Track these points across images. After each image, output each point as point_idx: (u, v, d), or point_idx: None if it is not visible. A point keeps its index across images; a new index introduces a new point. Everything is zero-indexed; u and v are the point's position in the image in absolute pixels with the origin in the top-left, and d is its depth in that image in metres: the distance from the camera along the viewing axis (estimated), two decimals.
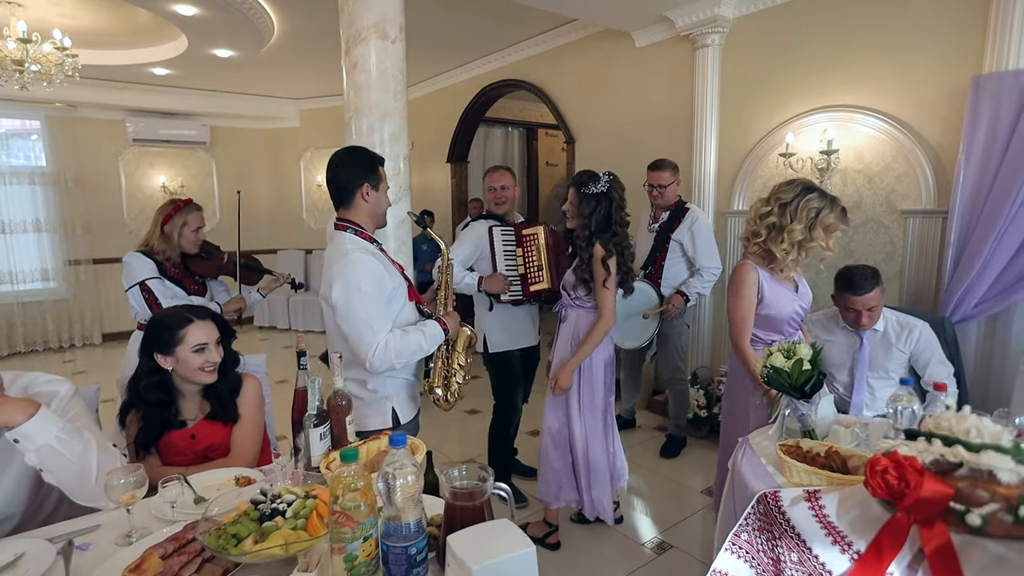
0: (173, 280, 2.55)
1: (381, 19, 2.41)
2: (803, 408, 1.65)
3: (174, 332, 1.63)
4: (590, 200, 2.31)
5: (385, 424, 1.86)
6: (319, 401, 1.40)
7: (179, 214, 2.54)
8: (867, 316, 2.26)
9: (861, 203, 3.07)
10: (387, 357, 1.70)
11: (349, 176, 1.80)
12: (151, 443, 1.63)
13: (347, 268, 1.70)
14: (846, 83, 3.06)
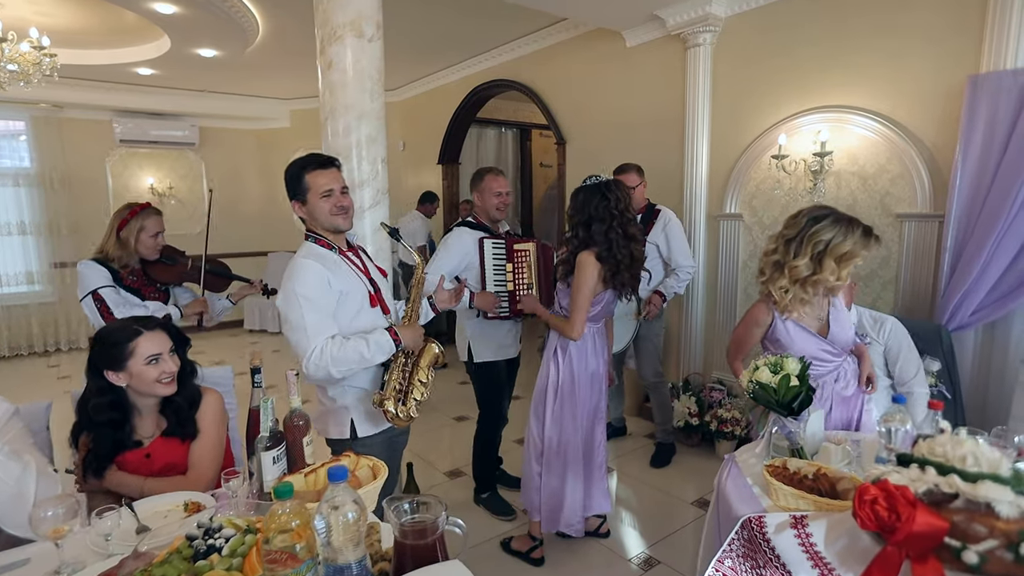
0: (130, 289, 2.43)
1: (357, 16, 2.32)
2: (791, 425, 1.57)
3: (123, 346, 1.54)
4: (579, 192, 2.23)
5: (343, 436, 1.84)
6: (273, 421, 1.32)
7: (135, 219, 2.43)
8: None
9: (855, 206, 2.99)
10: (322, 363, 1.67)
11: (287, 194, 1.84)
12: (103, 467, 1.54)
13: (289, 274, 1.74)
14: (840, 83, 2.98)
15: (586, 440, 2.40)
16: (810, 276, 1.82)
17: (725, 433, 3.41)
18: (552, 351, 2.39)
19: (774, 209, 3.34)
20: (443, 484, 3.24)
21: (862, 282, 3.00)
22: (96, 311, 2.33)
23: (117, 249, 2.40)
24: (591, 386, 2.38)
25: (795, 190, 3.20)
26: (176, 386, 1.60)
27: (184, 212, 7.22)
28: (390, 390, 1.81)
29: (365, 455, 1.42)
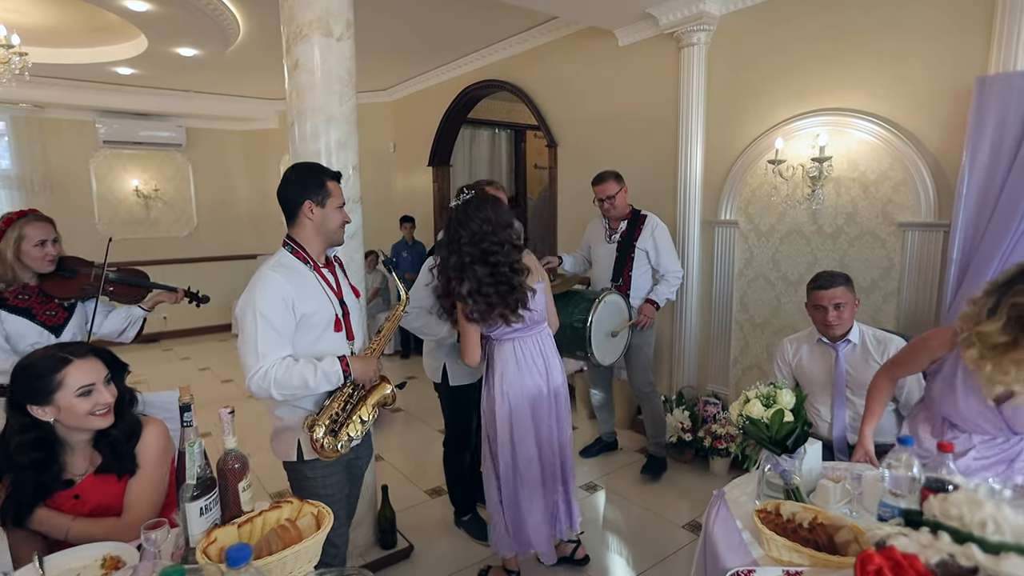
0: (14, 309, 2.12)
1: (324, 14, 2.17)
2: (785, 464, 1.42)
3: (48, 378, 1.38)
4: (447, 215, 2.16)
5: (290, 457, 1.73)
6: (201, 467, 1.17)
7: (11, 229, 2.10)
8: (834, 315, 2.12)
9: (856, 215, 2.85)
10: (264, 384, 1.57)
11: (292, 192, 1.72)
12: (26, 515, 1.39)
13: (253, 284, 1.63)
14: (840, 85, 2.84)
15: (544, 460, 2.23)
16: (1005, 350, 1.34)
17: (720, 450, 3.26)
18: (484, 374, 2.26)
19: (770, 216, 3.20)
20: (423, 504, 3.09)
21: (862, 294, 2.85)
22: None
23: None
24: (533, 407, 2.19)
25: (792, 196, 3.06)
26: (112, 417, 1.45)
27: (171, 215, 7.08)
28: (325, 417, 1.68)
29: (311, 501, 1.28)
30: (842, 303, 2.13)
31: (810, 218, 3.03)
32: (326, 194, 1.71)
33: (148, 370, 5.69)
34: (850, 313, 2.15)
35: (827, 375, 2.22)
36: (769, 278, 3.26)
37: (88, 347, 1.50)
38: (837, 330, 2.16)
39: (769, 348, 3.31)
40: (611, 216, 3.21)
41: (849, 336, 2.19)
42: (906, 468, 1.24)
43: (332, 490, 1.75)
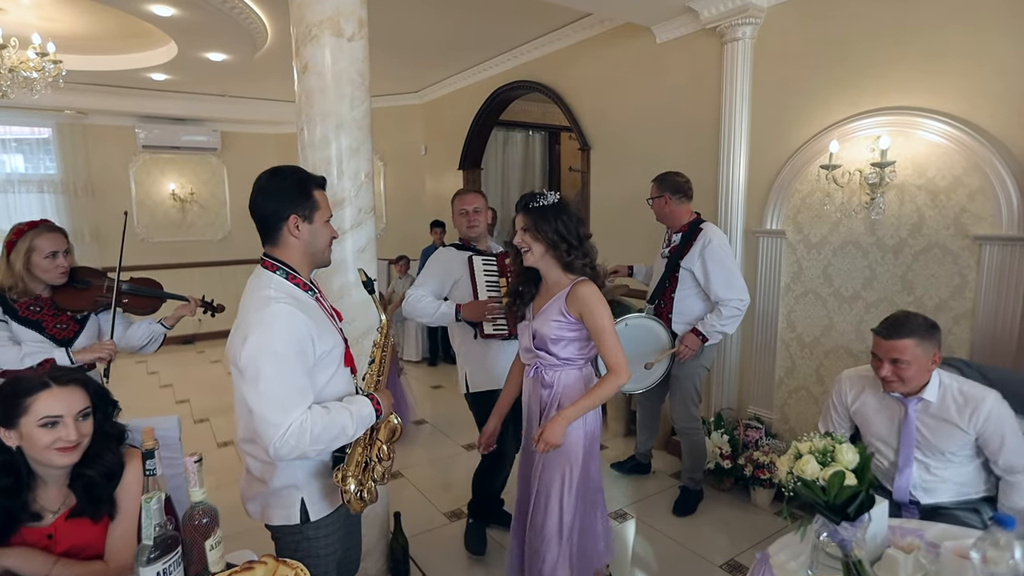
0: (25, 321, 2.08)
1: (335, 13, 2.04)
2: (844, 532, 1.20)
3: (19, 400, 1.28)
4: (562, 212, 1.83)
5: (290, 520, 1.47)
6: (160, 524, 1.03)
7: (21, 240, 2.06)
8: (890, 370, 1.72)
9: (922, 226, 2.55)
10: (300, 443, 1.30)
11: (271, 204, 1.44)
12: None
13: (262, 324, 1.33)
14: (905, 81, 2.54)
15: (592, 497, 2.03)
16: None
17: (762, 480, 2.99)
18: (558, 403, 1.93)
19: (823, 226, 2.91)
20: (440, 529, 2.93)
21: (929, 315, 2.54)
22: None
23: (8, 276, 2.06)
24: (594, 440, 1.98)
25: (848, 205, 2.77)
26: (77, 456, 1.32)
27: (206, 218, 7.17)
28: (352, 466, 1.45)
29: (288, 561, 1.13)
30: (903, 360, 1.70)
31: (868, 229, 2.73)
32: (313, 206, 1.45)
33: (179, 372, 5.75)
34: (917, 371, 1.72)
35: (893, 431, 1.84)
36: (820, 294, 2.98)
37: (78, 376, 1.38)
38: (894, 387, 1.76)
39: (819, 370, 3.02)
40: (662, 223, 2.96)
41: (923, 394, 1.75)
42: (1006, 551, 1.00)
43: (334, 547, 1.55)
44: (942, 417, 1.74)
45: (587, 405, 1.83)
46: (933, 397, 1.74)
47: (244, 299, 1.45)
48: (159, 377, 5.52)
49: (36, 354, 2.06)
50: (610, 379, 1.81)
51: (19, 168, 6.12)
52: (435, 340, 6.06)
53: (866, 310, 2.80)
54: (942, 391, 1.75)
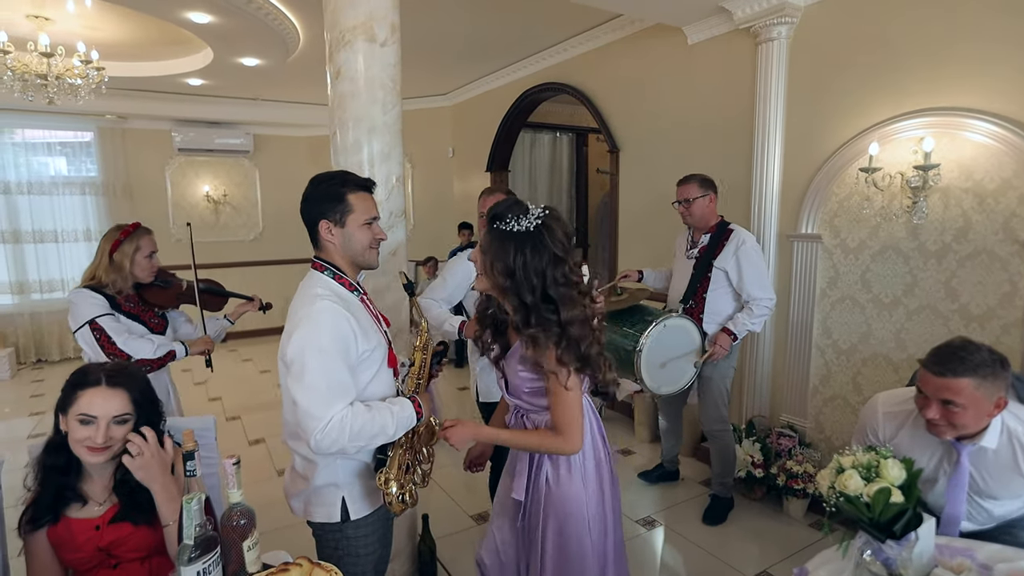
0: (129, 315, 2.26)
1: (368, 18, 2.06)
2: (890, 551, 1.15)
3: (74, 390, 1.35)
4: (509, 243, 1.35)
5: (331, 518, 1.49)
6: (200, 524, 1.05)
7: (129, 240, 2.24)
8: (938, 412, 1.42)
9: (968, 231, 2.45)
10: (340, 438, 1.33)
11: (308, 211, 1.50)
12: (40, 516, 1.34)
13: (309, 319, 1.38)
14: (952, 81, 2.45)
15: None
16: None
17: (795, 490, 2.92)
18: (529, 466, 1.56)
19: (861, 230, 2.83)
20: (467, 531, 2.94)
21: (975, 323, 2.46)
22: (95, 342, 2.14)
23: (111, 273, 2.21)
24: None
25: (888, 209, 2.69)
26: (105, 458, 1.35)
27: (239, 219, 7.32)
28: (394, 469, 1.46)
29: (323, 564, 1.14)
30: (956, 403, 1.39)
31: (910, 233, 2.65)
32: (346, 210, 1.47)
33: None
34: (974, 418, 1.41)
35: (938, 470, 1.56)
36: (858, 300, 2.89)
37: (130, 380, 1.41)
38: (942, 433, 1.47)
39: (856, 378, 2.93)
40: (690, 224, 2.92)
41: (981, 440, 1.46)
42: None
43: (374, 547, 1.56)
44: (1003, 464, 1.47)
45: (508, 439, 1.49)
46: (993, 444, 1.45)
47: (294, 298, 1.50)
48: (192, 375, 5.66)
49: (163, 346, 2.25)
50: (550, 439, 1.43)
51: (62, 171, 6.35)
52: (462, 341, 6.07)
53: (907, 317, 2.71)
54: (1007, 435, 1.45)
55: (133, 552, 1.40)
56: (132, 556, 1.40)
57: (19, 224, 6.14)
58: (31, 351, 6.33)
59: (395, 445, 1.48)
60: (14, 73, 3.71)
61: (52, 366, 6.32)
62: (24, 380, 5.77)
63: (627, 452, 3.82)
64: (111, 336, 2.16)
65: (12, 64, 3.66)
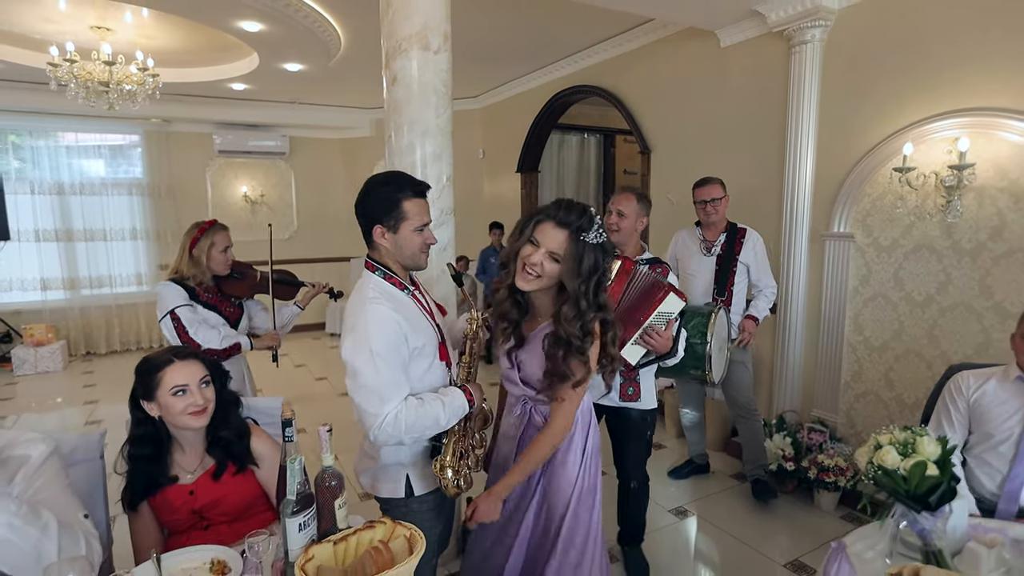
0: (207, 305, 2.46)
1: (423, 28, 2.19)
2: (925, 522, 1.24)
3: (152, 375, 1.49)
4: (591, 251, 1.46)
5: (396, 494, 1.62)
6: (301, 483, 1.18)
7: (205, 236, 2.44)
8: None
9: (1003, 230, 2.50)
10: (396, 432, 1.44)
11: (363, 214, 1.58)
12: (137, 502, 1.50)
13: (360, 323, 1.47)
14: (987, 81, 2.50)
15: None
16: None
17: (827, 483, 2.98)
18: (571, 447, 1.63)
19: (895, 230, 2.88)
20: None
21: (1011, 320, 2.50)
22: (173, 330, 2.34)
23: (191, 267, 2.42)
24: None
25: (922, 208, 2.74)
26: (207, 419, 1.52)
27: (274, 219, 7.55)
28: (449, 455, 1.58)
29: (403, 523, 1.27)
30: None
31: (943, 232, 2.70)
32: (400, 217, 1.52)
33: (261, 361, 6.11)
34: None
35: (1018, 420, 1.76)
36: (890, 298, 2.94)
37: (191, 351, 1.58)
38: None
39: (888, 374, 2.98)
40: (710, 223, 3.03)
41: None
42: None
43: (434, 523, 1.68)
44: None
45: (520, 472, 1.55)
46: None
47: (349, 299, 1.60)
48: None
49: (228, 337, 2.43)
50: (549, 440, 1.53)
51: (111, 173, 6.65)
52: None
53: (940, 315, 2.75)
54: None
55: (222, 516, 1.56)
56: (221, 519, 1.56)
57: (71, 223, 6.45)
58: (80, 344, 6.63)
59: (449, 433, 1.59)
60: (79, 81, 3.94)
61: (100, 359, 6.61)
62: (75, 372, 6.06)
63: (659, 447, 3.91)
64: (185, 326, 2.35)
65: (78, 72, 3.89)
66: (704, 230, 3.08)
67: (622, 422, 2.35)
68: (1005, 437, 1.78)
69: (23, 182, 6.19)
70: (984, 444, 1.83)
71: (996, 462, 1.80)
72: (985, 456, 1.83)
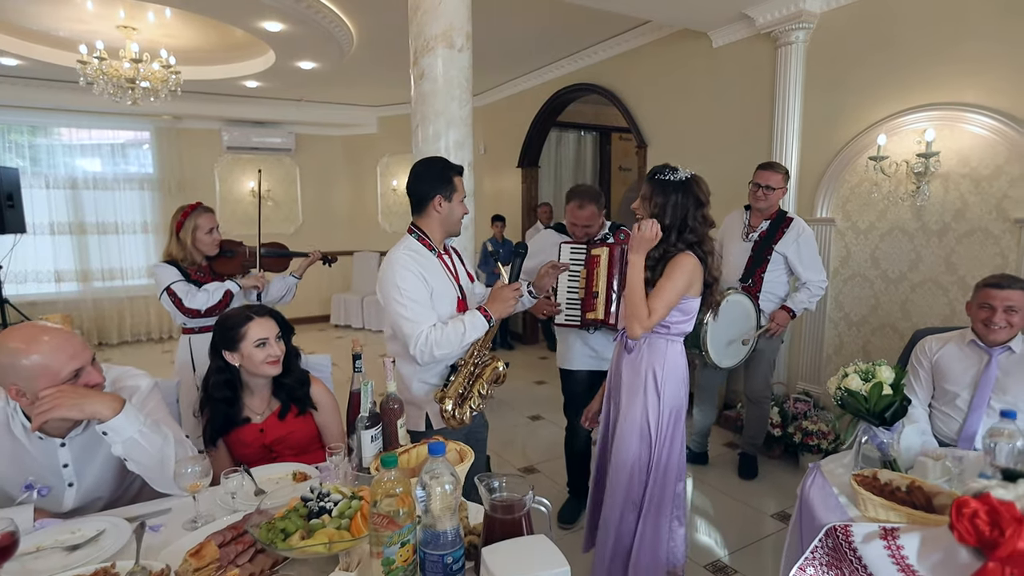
0: (198, 284, 2.56)
1: (448, 28, 2.45)
2: (883, 435, 1.51)
3: (236, 329, 1.73)
4: (668, 188, 1.83)
5: (418, 427, 1.92)
6: (372, 403, 1.43)
7: (188, 219, 2.55)
8: (1002, 318, 1.93)
9: (965, 211, 2.79)
10: (427, 347, 1.76)
11: (423, 187, 1.88)
12: (216, 438, 1.74)
13: (385, 267, 1.84)
14: (951, 78, 2.79)
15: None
16: None
17: (810, 446, 3.26)
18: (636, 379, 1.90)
19: (871, 213, 3.17)
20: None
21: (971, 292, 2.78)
22: (172, 304, 2.52)
23: (179, 250, 2.56)
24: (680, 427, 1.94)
25: (895, 193, 3.03)
26: (280, 367, 1.77)
27: (280, 213, 7.78)
28: (452, 391, 1.87)
29: (455, 441, 1.52)
30: (1015, 307, 1.92)
31: (914, 215, 2.98)
32: (453, 189, 1.86)
33: None
34: (1021, 321, 1.94)
35: (971, 376, 2.03)
36: (867, 276, 3.23)
37: (267, 309, 1.83)
38: (999, 335, 1.96)
39: (866, 347, 3.27)
40: (758, 208, 3.03)
41: (1011, 344, 1.98)
42: (1008, 439, 1.30)
43: None
44: (1021, 364, 1.97)
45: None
46: (1018, 348, 1.98)
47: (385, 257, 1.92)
48: None
49: (217, 291, 2.57)
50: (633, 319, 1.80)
51: (123, 168, 6.84)
52: (503, 326, 6.48)
53: (911, 290, 3.04)
54: None
55: (288, 450, 1.80)
56: (288, 453, 1.80)
57: (84, 217, 6.64)
58: (94, 334, 6.82)
59: (458, 373, 1.88)
60: (107, 78, 4.16)
61: (112, 348, 6.80)
62: None
63: None
64: (181, 298, 2.52)
65: (107, 70, 4.11)
66: (751, 214, 3.08)
67: None
68: (960, 392, 2.07)
69: (38, 177, 6.38)
70: (944, 398, 2.12)
71: (954, 413, 2.10)
72: (945, 408, 2.12)
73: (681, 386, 1.91)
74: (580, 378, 2.67)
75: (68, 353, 1.33)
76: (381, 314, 7.55)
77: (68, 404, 1.28)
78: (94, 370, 1.39)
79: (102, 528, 1.24)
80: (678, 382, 1.90)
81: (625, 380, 1.95)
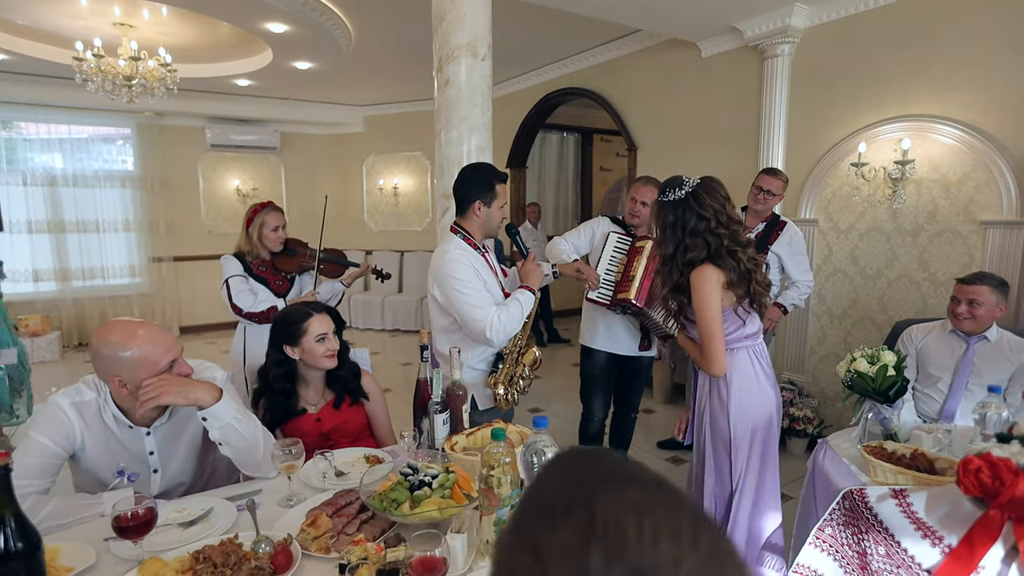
0: (258, 278, 2.73)
1: (472, 38, 2.58)
2: (886, 412, 1.73)
3: (298, 325, 1.84)
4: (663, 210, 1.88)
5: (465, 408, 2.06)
6: (443, 390, 1.57)
7: (257, 216, 2.74)
8: (965, 309, 2.16)
9: (937, 213, 3.07)
10: (500, 327, 1.91)
11: (467, 190, 2.04)
12: (274, 428, 1.84)
13: (443, 266, 1.98)
14: (924, 92, 3.07)
15: None
16: None
17: (797, 431, 3.52)
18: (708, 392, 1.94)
19: (851, 215, 3.44)
20: None
21: (941, 288, 3.07)
22: (227, 297, 2.68)
23: (247, 244, 2.73)
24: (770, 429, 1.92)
25: (874, 196, 3.30)
26: (336, 361, 1.89)
27: None
28: (503, 376, 2.05)
29: (515, 424, 1.67)
30: (977, 301, 2.15)
31: (890, 217, 3.26)
32: (493, 196, 2.02)
33: None
34: (987, 314, 2.16)
35: (952, 362, 2.25)
36: (847, 273, 3.51)
37: (323, 306, 1.95)
38: (963, 325, 2.19)
39: (847, 338, 3.55)
40: (755, 210, 3.13)
41: (986, 334, 2.22)
42: (996, 411, 1.53)
43: None
44: (996, 352, 2.21)
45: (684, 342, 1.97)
46: (992, 338, 2.22)
47: (432, 258, 2.07)
48: None
49: (265, 302, 2.70)
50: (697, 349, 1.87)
51: (103, 165, 6.71)
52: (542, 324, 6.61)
53: (888, 286, 3.32)
54: (999, 336, 2.23)
55: (344, 437, 1.92)
56: (344, 440, 1.92)
57: (63, 215, 6.49)
58: (74, 335, 6.67)
59: (505, 360, 2.06)
60: (104, 76, 4.13)
61: None
62: (74, 361, 6.14)
63: (649, 412, 4.40)
64: (232, 293, 2.68)
65: (105, 68, 4.08)
66: (747, 216, 3.15)
67: (633, 367, 2.85)
68: (942, 376, 2.31)
69: (15, 173, 6.21)
70: (927, 381, 2.37)
71: (936, 395, 2.34)
72: (927, 391, 2.37)
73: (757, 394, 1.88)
74: (599, 360, 2.80)
75: (164, 345, 1.43)
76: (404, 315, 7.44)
77: (174, 391, 1.38)
78: (183, 362, 1.49)
79: (209, 507, 1.35)
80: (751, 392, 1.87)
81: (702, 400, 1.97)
